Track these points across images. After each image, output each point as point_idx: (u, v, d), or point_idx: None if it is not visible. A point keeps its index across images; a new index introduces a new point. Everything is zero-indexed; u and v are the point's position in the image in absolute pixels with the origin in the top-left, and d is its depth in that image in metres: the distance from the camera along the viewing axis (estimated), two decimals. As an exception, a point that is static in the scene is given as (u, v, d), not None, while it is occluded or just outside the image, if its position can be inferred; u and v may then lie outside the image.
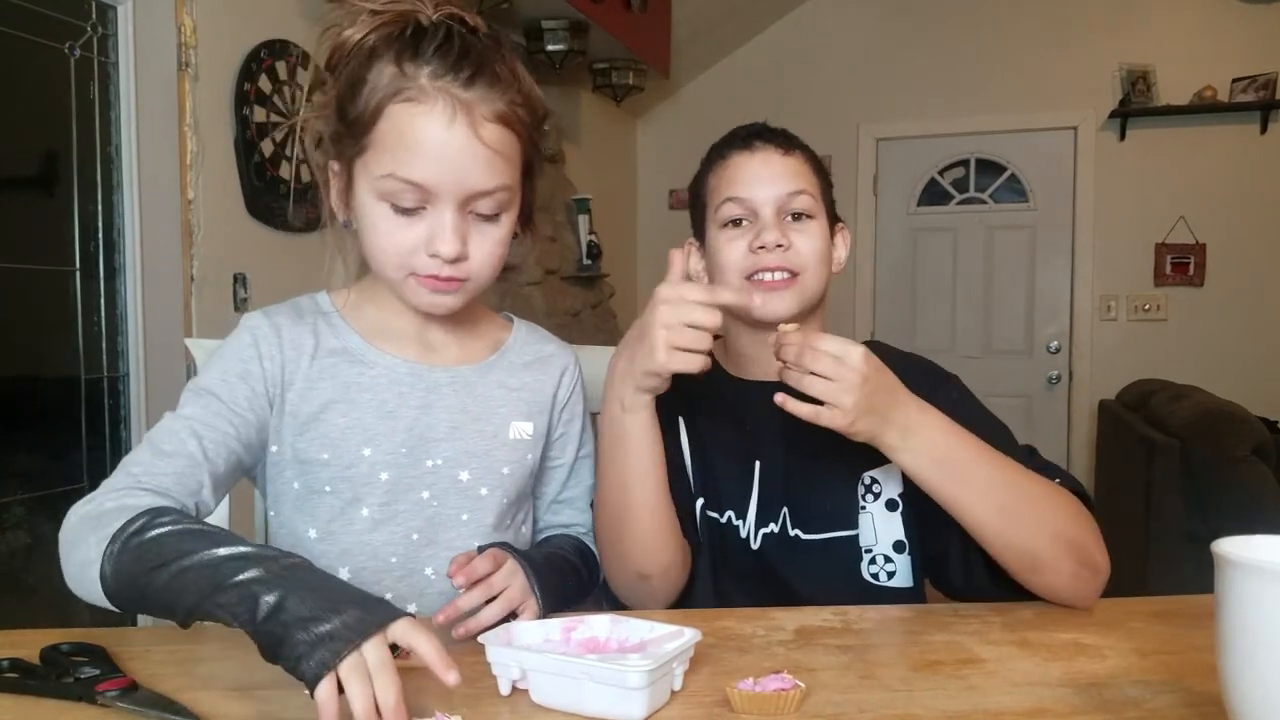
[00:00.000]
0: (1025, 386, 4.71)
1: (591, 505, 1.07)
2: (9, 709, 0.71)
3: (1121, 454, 3.67)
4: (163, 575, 0.68)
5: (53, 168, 2.08)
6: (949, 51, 4.78)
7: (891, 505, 1.09)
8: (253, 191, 2.41)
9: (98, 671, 0.73)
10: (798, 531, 1.08)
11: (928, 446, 0.92)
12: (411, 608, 0.95)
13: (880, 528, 1.09)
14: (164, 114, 2.20)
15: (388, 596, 0.93)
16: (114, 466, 0.85)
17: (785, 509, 1.09)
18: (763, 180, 1.08)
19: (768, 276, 1.06)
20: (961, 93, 4.77)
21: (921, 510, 1.04)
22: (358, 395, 0.92)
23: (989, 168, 4.88)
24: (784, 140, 1.12)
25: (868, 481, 1.09)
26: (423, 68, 0.83)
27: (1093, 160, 4.68)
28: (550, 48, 3.48)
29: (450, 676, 0.64)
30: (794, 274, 1.06)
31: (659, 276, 0.93)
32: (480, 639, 0.75)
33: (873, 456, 1.05)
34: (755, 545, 1.09)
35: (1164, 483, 3.13)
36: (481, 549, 0.89)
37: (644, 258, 5.22)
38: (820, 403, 0.89)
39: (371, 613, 0.64)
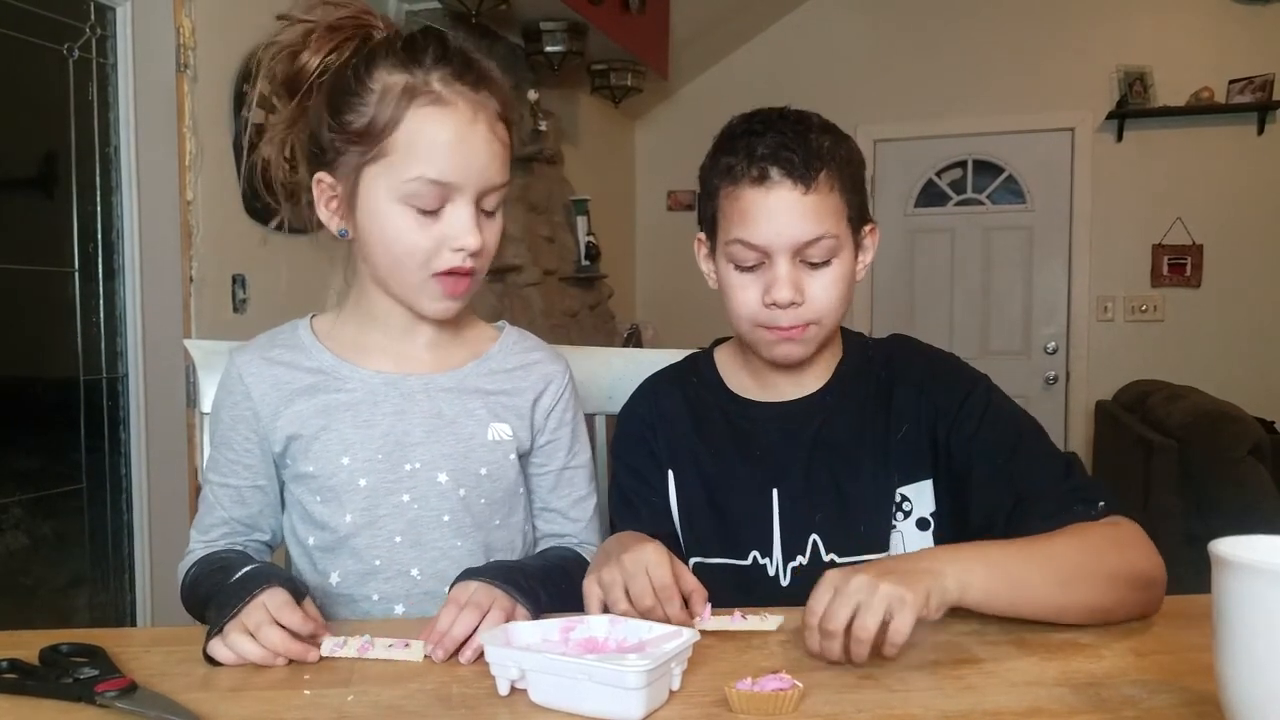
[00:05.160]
0: (1022, 387, 4.71)
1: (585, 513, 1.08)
2: (8, 710, 0.71)
3: (1119, 454, 3.68)
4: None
5: (51, 169, 2.08)
6: (947, 53, 4.78)
7: (923, 524, 1.05)
8: (251, 193, 2.41)
9: (97, 672, 0.73)
10: (832, 556, 1.03)
11: (984, 573, 0.83)
12: (399, 609, 0.98)
13: (910, 547, 1.04)
14: (163, 115, 2.20)
15: (375, 598, 0.97)
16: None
17: (815, 536, 1.04)
18: (776, 225, 0.96)
19: (783, 323, 0.99)
20: (959, 94, 4.77)
21: (957, 529, 1.01)
22: (335, 410, 0.97)
23: (986, 169, 4.88)
24: (804, 170, 0.96)
25: (898, 499, 1.05)
26: (432, 73, 0.88)
27: (1090, 161, 4.68)
28: (549, 49, 3.48)
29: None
30: (810, 323, 1.00)
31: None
32: (480, 639, 0.75)
33: (904, 474, 1.03)
34: (785, 581, 1.03)
35: (1161, 483, 3.13)
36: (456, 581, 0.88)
37: (642, 259, 5.22)
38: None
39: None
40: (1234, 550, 0.60)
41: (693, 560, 1.06)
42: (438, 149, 0.88)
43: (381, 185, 0.89)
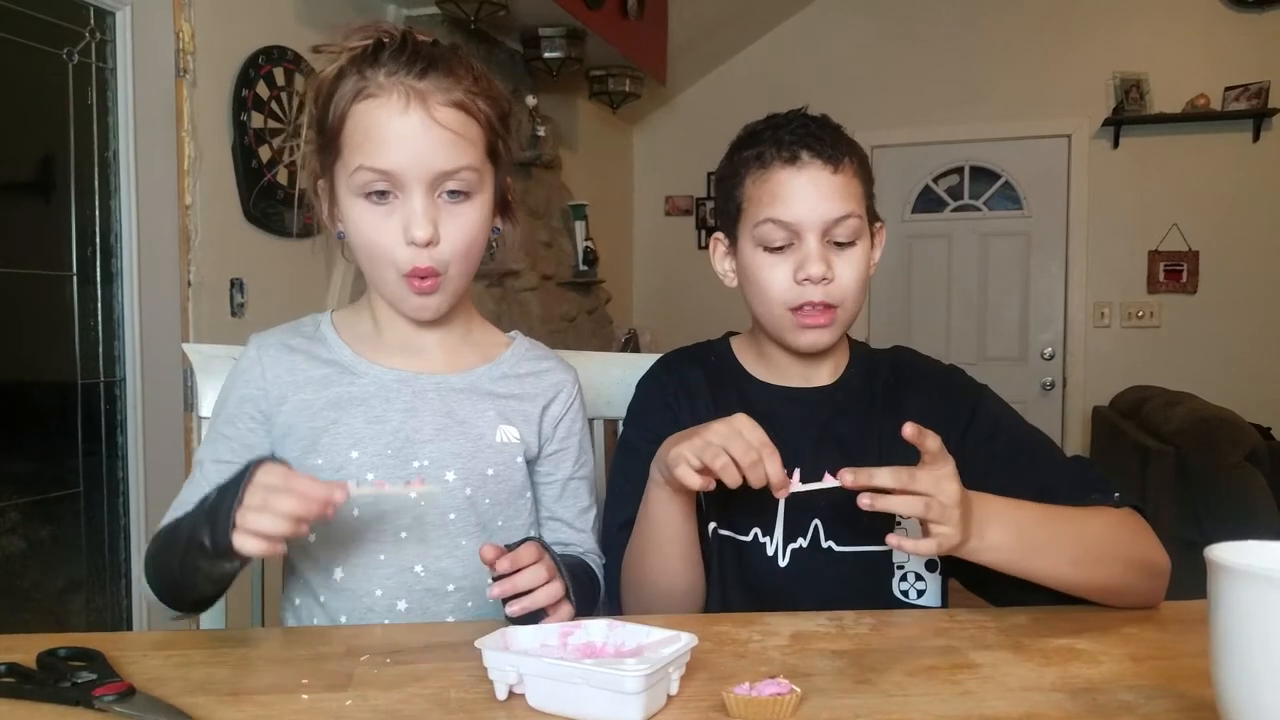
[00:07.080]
0: (1019, 393, 4.71)
1: (592, 527, 1.09)
2: (7, 714, 0.71)
3: (1115, 460, 3.68)
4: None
5: (50, 173, 2.08)
6: (944, 59, 4.80)
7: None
8: (250, 197, 2.41)
9: (95, 676, 0.74)
10: (830, 544, 1.05)
11: (1003, 534, 0.89)
12: (401, 604, 0.98)
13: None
14: (162, 120, 2.20)
15: (378, 594, 0.97)
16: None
17: (816, 520, 1.05)
18: (809, 202, 1.01)
19: (810, 310, 1.02)
20: (956, 100, 4.79)
21: None
22: (347, 404, 0.98)
23: (983, 175, 4.89)
24: (831, 151, 1.02)
25: None
26: (380, 69, 0.91)
27: (1086, 168, 4.70)
28: (547, 55, 3.48)
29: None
30: (835, 305, 1.03)
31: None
32: (476, 643, 0.75)
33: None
34: (784, 562, 1.05)
35: (1158, 489, 3.14)
36: (513, 546, 0.88)
37: (640, 263, 5.22)
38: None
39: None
40: (1230, 556, 0.61)
41: (710, 525, 1.07)
42: (371, 137, 0.90)
43: (342, 182, 0.93)
